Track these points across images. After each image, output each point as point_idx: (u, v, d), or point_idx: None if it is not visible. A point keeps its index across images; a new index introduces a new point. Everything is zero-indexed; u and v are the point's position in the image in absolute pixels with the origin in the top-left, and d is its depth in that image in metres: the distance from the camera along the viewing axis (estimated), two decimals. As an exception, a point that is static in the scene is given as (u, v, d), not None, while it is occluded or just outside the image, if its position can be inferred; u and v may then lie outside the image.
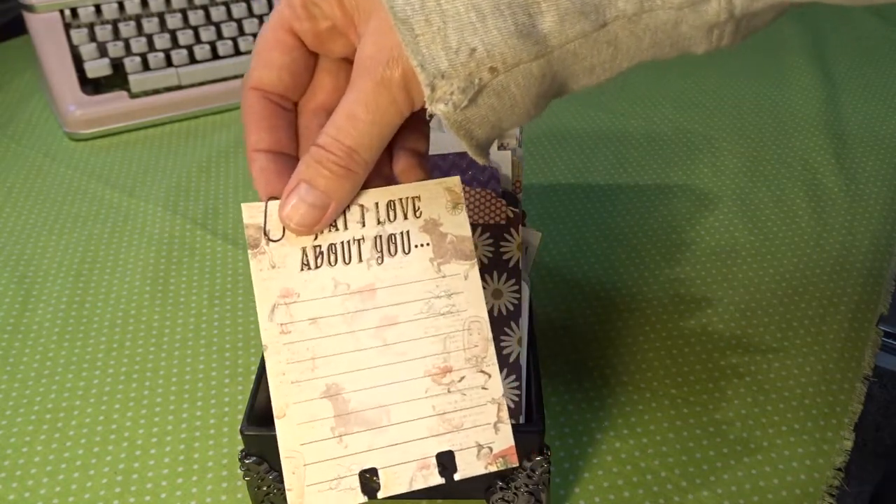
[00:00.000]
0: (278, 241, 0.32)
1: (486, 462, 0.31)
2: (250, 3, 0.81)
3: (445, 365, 0.32)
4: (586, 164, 0.69)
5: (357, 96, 0.29)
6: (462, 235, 0.33)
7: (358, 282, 0.33)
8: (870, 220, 0.61)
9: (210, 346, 0.51)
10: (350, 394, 0.32)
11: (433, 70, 0.27)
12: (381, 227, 0.33)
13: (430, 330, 0.32)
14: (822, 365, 0.48)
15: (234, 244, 0.60)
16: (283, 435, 0.31)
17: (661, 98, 0.79)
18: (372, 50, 0.28)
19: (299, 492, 0.30)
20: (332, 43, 0.32)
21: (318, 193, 0.31)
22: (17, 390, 0.48)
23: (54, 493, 0.42)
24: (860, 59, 0.85)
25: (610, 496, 0.41)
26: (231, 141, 0.75)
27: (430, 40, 0.27)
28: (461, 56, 0.27)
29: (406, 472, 0.31)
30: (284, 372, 0.32)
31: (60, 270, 0.58)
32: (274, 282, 0.32)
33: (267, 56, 0.32)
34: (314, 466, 0.31)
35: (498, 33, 0.27)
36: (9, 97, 0.84)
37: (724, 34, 0.28)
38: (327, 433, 0.31)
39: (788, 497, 0.41)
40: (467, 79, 0.27)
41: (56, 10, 0.76)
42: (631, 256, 0.58)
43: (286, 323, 0.32)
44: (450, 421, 0.32)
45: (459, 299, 0.33)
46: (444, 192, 0.33)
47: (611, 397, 0.47)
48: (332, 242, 0.33)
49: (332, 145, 0.30)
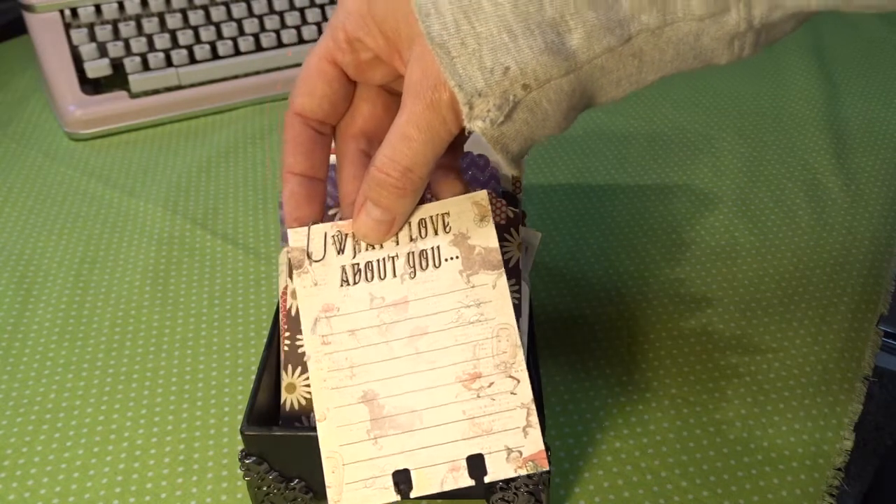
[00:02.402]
0: (320, 262, 0.35)
1: (515, 465, 0.32)
2: (250, 3, 0.81)
3: (475, 371, 0.33)
4: (586, 164, 0.69)
5: (409, 118, 0.31)
6: (489, 247, 0.35)
7: (392, 295, 0.35)
8: (870, 220, 0.61)
9: (210, 346, 0.51)
10: (385, 399, 0.33)
11: (470, 89, 0.29)
12: (414, 244, 0.35)
13: (460, 338, 0.34)
14: (822, 365, 0.48)
15: (234, 244, 0.60)
16: (325, 436, 0.33)
17: (661, 98, 0.79)
18: (419, 75, 0.30)
19: (338, 489, 0.32)
20: (373, 72, 0.34)
21: (382, 210, 0.34)
22: (17, 390, 0.48)
23: (54, 493, 0.42)
24: (860, 59, 0.85)
25: (610, 496, 0.41)
26: (231, 141, 0.75)
27: (467, 62, 0.28)
28: (496, 75, 0.28)
29: (437, 473, 0.32)
30: (325, 379, 0.34)
31: (60, 270, 0.58)
32: (316, 298, 0.35)
33: (310, 84, 0.35)
34: (352, 466, 0.33)
35: (530, 52, 0.28)
36: (9, 97, 0.84)
37: (745, 45, 0.29)
38: (363, 435, 0.33)
39: (788, 497, 0.41)
40: (502, 96, 0.29)
41: (56, 10, 0.76)
42: (631, 256, 0.58)
43: (327, 335, 0.34)
44: (479, 425, 0.33)
45: (488, 308, 0.34)
46: (472, 206, 0.35)
47: (611, 397, 0.47)
48: (368, 260, 0.35)
49: (388, 166, 0.32)
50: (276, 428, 0.38)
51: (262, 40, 0.81)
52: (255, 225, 0.63)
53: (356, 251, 0.35)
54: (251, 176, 0.69)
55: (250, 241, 0.61)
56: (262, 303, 0.55)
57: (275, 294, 0.55)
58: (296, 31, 0.82)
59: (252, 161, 0.72)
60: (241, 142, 0.75)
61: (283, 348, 0.40)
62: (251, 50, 0.81)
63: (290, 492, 0.39)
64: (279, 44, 0.82)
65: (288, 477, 0.38)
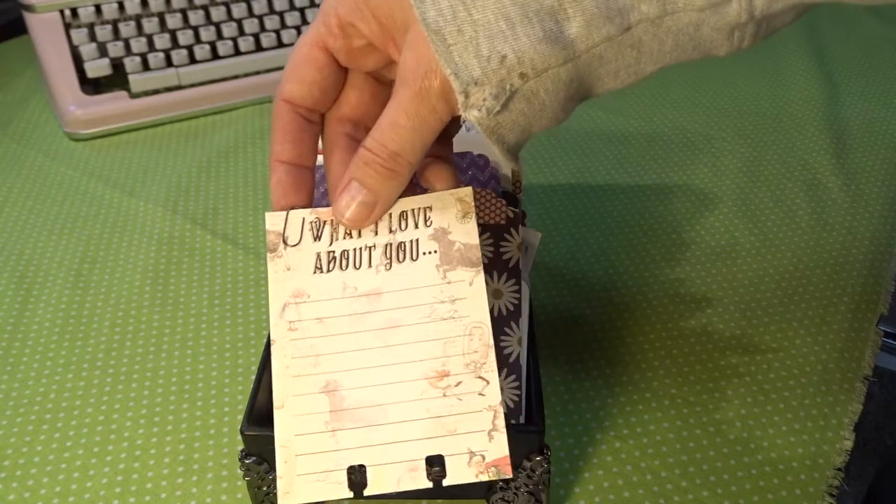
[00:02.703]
0: (295, 246, 0.34)
1: (477, 470, 0.31)
2: (250, 3, 0.81)
3: (443, 369, 0.32)
4: (586, 164, 0.69)
5: (399, 105, 0.30)
6: (469, 243, 0.34)
7: (366, 285, 0.34)
8: (870, 220, 0.61)
9: (210, 346, 0.51)
10: (347, 391, 0.32)
11: (466, 78, 0.28)
12: (393, 236, 0.34)
13: (430, 334, 0.33)
14: (822, 365, 0.48)
15: (234, 244, 0.60)
16: (280, 425, 0.32)
17: (661, 98, 0.79)
18: (411, 62, 0.30)
19: (289, 480, 0.31)
20: (365, 59, 0.34)
21: (367, 192, 0.33)
22: (17, 390, 0.48)
23: (54, 493, 0.42)
24: (860, 59, 0.85)
25: (610, 496, 0.41)
26: (231, 141, 0.75)
27: (463, 49, 0.28)
28: (492, 63, 0.28)
29: (394, 472, 0.31)
30: (288, 366, 0.33)
31: (60, 270, 0.58)
32: (288, 282, 0.34)
33: (300, 71, 0.34)
34: (305, 458, 0.32)
35: (527, 40, 0.27)
36: (9, 97, 0.84)
37: (745, 35, 0.29)
38: (321, 427, 0.32)
39: (788, 497, 0.41)
40: (499, 85, 0.28)
41: (56, 10, 0.76)
42: (631, 256, 0.58)
43: (294, 321, 0.33)
44: (444, 425, 0.32)
45: (463, 305, 0.33)
46: (455, 201, 0.35)
47: (611, 397, 0.47)
48: (345, 248, 0.34)
49: (377, 149, 0.32)
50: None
51: (262, 40, 0.81)
52: (255, 225, 0.63)
53: (333, 238, 0.34)
54: (251, 176, 0.69)
55: (250, 241, 0.61)
56: (262, 303, 0.55)
57: (275, 294, 0.55)
58: (296, 31, 0.82)
59: (252, 161, 0.72)
60: (241, 142, 0.75)
61: (283, 348, 0.40)
62: (251, 50, 0.81)
63: (290, 492, 0.39)
64: (279, 44, 0.82)
65: (288, 477, 0.38)
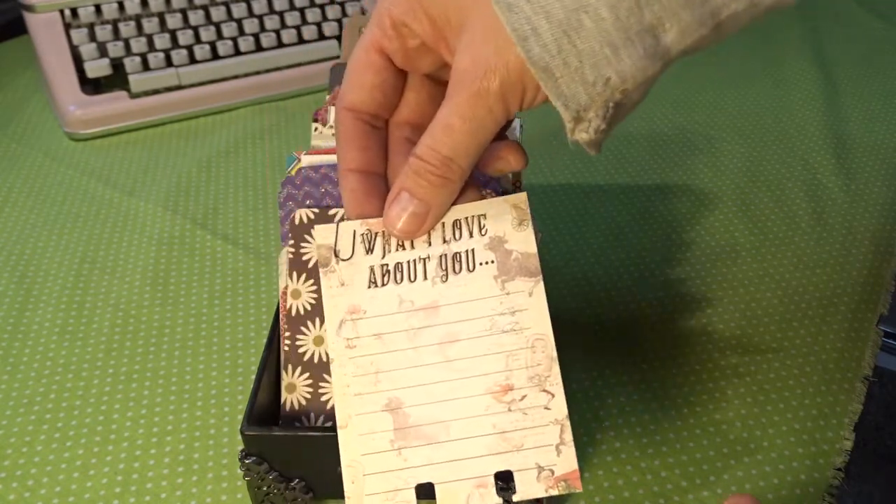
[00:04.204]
0: (347, 260, 0.34)
1: (546, 485, 0.31)
2: (250, 3, 0.81)
3: (507, 383, 0.32)
4: (586, 164, 0.69)
5: (453, 107, 0.30)
6: (527, 252, 0.34)
7: (422, 299, 0.33)
8: (870, 220, 0.61)
9: (210, 346, 0.51)
10: (410, 408, 0.32)
11: (575, 106, 0.29)
12: (447, 246, 0.34)
13: (492, 347, 0.32)
14: (822, 365, 0.48)
15: (234, 244, 0.60)
16: (345, 445, 0.32)
17: (661, 98, 0.79)
18: (468, 63, 0.29)
19: (358, 500, 0.31)
20: (420, 60, 0.33)
21: (418, 202, 0.32)
22: (17, 390, 0.48)
23: (54, 493, 0.42)
24: (860, 59, 0.85)
25: (610, 496, 0.41)
26: (231, 141, 0.75)
27: (570, 80, 0.28)
28: (598, 87, 0.28)
29: (463, 489, 0.31)
30: (349, 384, 0.32)
31: (60, 270, 0.58)
32: (342, 298, 0.33)
33: (359, 77, 0.33)
34: (373, 477, 0.31)
35: (629, 60, 0.28)
36: (9, 97, 0.84)
37: None
38: (387, 445, 0.31)
39: (788, 497, 0.41)
40: (604, 105, 0.29)
41: (56, 10, 0.76)
42: (631, 256, 0.58)
43: (352, 338, 0.33)
44: (510, 440, 0.31)
45: (523, 317, 0.33)
46: (510, 208, 0.34)
47: (611, 397, 0.47)
48: (398, 261, 0.34)
49: (428, 155, 0.31)
50: (276, 428, 0.38)
51: (262, 40, 0.81)
52: (255, 225, 0.63)
53: (385, 251, 0.34)
54: (251, 176, 0.69)
55: (250, 241, 0.61)
56: (262, 303, 0.55)
57: (275, 294, 0.55)
58: (296, 31, 0.82)
59: (252, 161, 0.72)
60: (241, 142, 0.75)
61: (284, 348, 0.40)
62: (251, 50, 0.81)
63: (290, 492, 0.39)
64: (279, 44, 0.82)
65: (288, 477, 0.38)
